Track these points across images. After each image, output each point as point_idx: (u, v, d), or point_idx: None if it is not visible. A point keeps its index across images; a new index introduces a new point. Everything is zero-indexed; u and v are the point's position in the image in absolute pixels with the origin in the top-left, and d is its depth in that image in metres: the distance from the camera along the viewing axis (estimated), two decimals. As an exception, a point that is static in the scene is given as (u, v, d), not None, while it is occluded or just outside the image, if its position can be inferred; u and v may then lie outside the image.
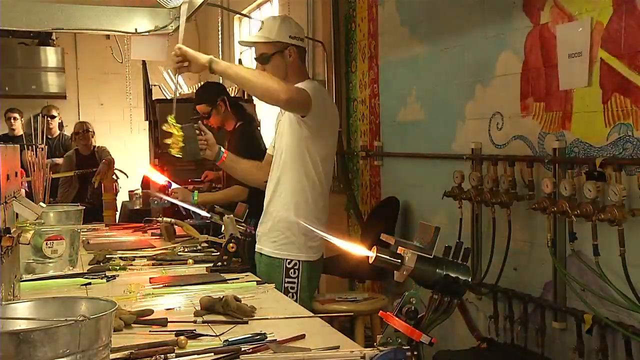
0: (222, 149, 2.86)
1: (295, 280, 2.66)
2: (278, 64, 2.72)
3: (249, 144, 3.75)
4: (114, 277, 2.48)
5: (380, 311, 1.47)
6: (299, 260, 2.68)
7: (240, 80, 2.53)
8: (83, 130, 5.78)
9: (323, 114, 2.66)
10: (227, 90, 4.30)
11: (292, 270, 2.67)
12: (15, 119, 7.00)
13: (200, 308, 1.97)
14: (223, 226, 2.77)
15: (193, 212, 3.41)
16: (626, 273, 2.46)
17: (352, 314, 2.94)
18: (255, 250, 2.81)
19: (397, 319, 1.39)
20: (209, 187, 4.26)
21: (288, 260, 2.67)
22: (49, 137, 6.26)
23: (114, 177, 4.92)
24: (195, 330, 1.76)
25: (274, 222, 2.72)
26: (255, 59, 2.80)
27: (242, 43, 2.99)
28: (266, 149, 3.83)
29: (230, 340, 1.65)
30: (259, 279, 2.44)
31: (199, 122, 2.79)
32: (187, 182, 4.51)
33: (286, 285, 2.65)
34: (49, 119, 6.51)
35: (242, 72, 2.54)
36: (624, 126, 2.54)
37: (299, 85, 2.65)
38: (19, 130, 6.97)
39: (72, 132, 6.02)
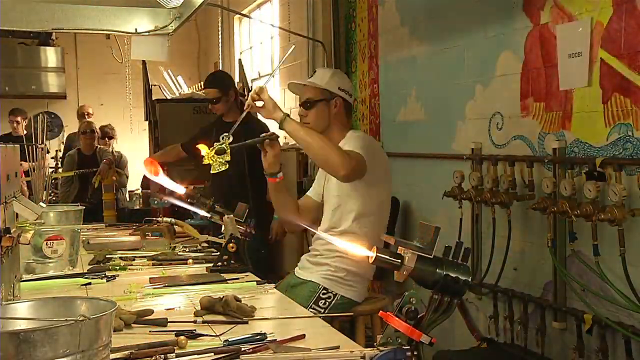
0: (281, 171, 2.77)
1: (322, 310, 2.59)
2: (322, 111, 2.73)
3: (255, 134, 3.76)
4: (114, 277, 2.48)
5: (380, 311, 1.47)
6: (335, 294, 2.65)
7: (306, 143, 2.51)
8: (89, 130, 5.78)
9: (377, 167, 2.65)
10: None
11: (322, 301, 2.63)
12: (18, 122, 7.02)
13: (201, 308, 1.97)
14: (223, 226, 2.77)
15: (193, 212, 3.40)
16: (626, 273, 2.46)
17: (352, 314, 2.93)
18: (296, 274, 2.80)
19: (397, 319, 1.39)
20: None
21: (324, 290, 2.65)
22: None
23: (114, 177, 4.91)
24: (195, 330, 1.76)
25: (324, 256, 2.70)
26: (300, 104, 2.81)
27: (291, 85, 2.90)
28: None
29: (230, 340, 1.65)
30: (259, 279, 2.43)
31: (266, 140, 2.67)
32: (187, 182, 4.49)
33: (311, 310, 2.54)
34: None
35: (309, 137, 2.50)
36: (624, 126, 2.54)
37: (346, 141, 2.67)
38: (21, 131, 6.99)
39: (78, 131, 6.02)
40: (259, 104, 2.49)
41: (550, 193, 2.79)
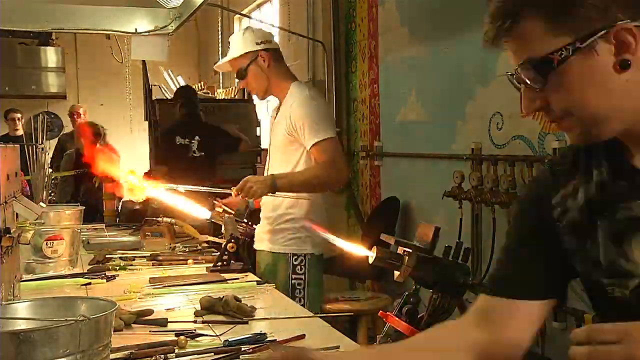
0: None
1: (302, 276, 2.63)
2: (256, 73, 2.73)
3: None
4: (114, 277, 2.48)
5: (380, 311, 1.47)
6: (305, 255, 2.65)
7: (304, 188, 2.59)
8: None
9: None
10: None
11: (298, 267, 2.65)
12: (18, 119, 7.03)
13: (201, 308, 1.97)
14: (223, 226, 2.76)
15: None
16: (626, 273, 2.46)
17: (352, 313, 2.95)
18: (256, 249, 2.80)
19: (397, 319, 1.39)
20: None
21: (295, 256, 2.65)
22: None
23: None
24: (195, 330, 1.76)
25: (277, 220, 2.71)
26: (236, 78, 2.83)
27: (219, 68, 2.99)
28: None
29: (230, 340, 1.65)
30: (259, 279, 2.44)
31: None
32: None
33: (293, 282, 2.63)
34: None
35: (301, 178, 2.58)
36: (624, 126, 2.54)
37: (294, 101, 2.64)
38: (20, 130, 7.00)
39: (75, 131, 6.02)
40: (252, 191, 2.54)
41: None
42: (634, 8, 0.91)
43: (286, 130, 2.65)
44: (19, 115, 7.12)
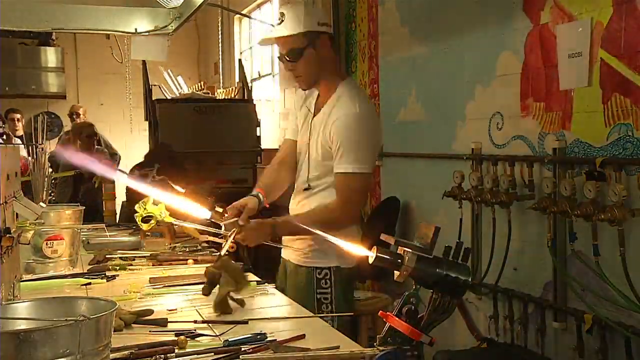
0: (260, 197, 2.44)
1: (328, 290, 2.36)
2: (311, 59, 2.34)
3: None
4: (114, 277, 2.48)
5: (380, 311, 1.47)
6: (328, 267, 2.37)
7: (308, 233, 2.22)
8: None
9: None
10: None
11: (323, 281, 2.38)
12: (18, 120, 7.03)
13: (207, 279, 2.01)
14: (223, 226, 2.76)
15: None
16: (626, 273, 2.46)
17: (352, 313, 2.93)
18: (282, 256, 2.57)
19: (397, 319, 1.39)
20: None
21: (318, 270, 2.38)
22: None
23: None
24: (195, 330, 1.76)
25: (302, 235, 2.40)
26: (281, 57, 2.41)
27: (265, 42, 2.52)
28: None
29: (230, 340, 1.65)
30: (259, 279, 2.43)
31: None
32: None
33: (318, 296, 2.37)
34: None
35: (304, 223, 2.17)
36: (624, 126, 2.54)
37: (339, 91, 2.35)
38: (20, 130, 7.00)
39: (74, 132, 6.01)
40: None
41: (550, 193, 2.78)
42: None
43: (324, 140, 2.34)
44: (18, 115, 7.11)
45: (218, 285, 2.04)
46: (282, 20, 2.36)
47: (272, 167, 2.61)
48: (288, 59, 2.37)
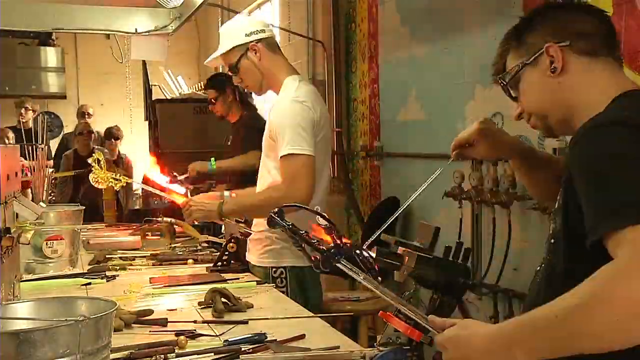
0: (225, 195, 2.65)
1: (284, 289, 2.40)
2: (247, 68, 2.49)
3: (256, 134, 3.76)
4: (114, 277, 2.48)
5: (380, 311, 1.47)
6: (283, 266, 2.42)
7: (255, 213, 2.44)
8: (86, 131, 5.78)
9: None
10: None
11: (279, 280, 2.43)
12: (26, 109, 6.71)
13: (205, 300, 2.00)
14: (223, 226, 2.76)
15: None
16: (626, 273, 2.46)
17: (352, 313, 2.95)
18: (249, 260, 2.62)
19: (397, 319, 1.39)
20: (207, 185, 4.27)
21: (274, 269, 2.44)
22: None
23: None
24: (195, 330, 1.76)
25: (254, 230, 2.53)
26: (228, 73, 2.65)
27: (209, 64, 2.75)
28: None
29: (230, 340, 1.65)
30: (259, 279, 2.43)
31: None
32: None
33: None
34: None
35: (251, 202, 2.43)
36: (624, 126, 2.53)
37: (284, 85, 2.45)
38: (29, 123, 6.58)
39: (74, 132, 6.02)
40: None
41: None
42: (559, 33, 1.32)
43: (269, 133, 2.45)
44: (28, 105, 6.79)
45: None
46: (219, 43, 2.56)
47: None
48: (231, 73, 2.57)
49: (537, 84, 1.35)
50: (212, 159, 3.44)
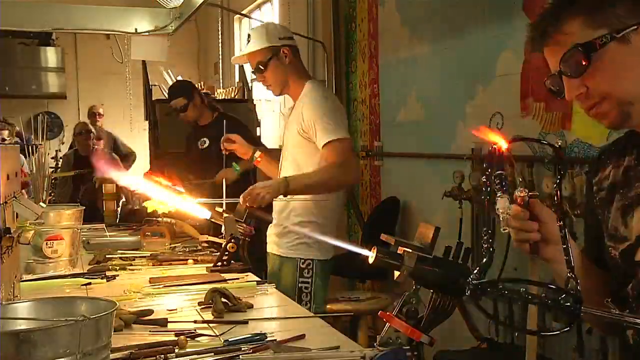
0: (256, 152, 2.89)
1: (310, 279, 2.64)
2: (276, 68, 2.72)
3: (238, 126, 3.84)
4: (114, 277, 2.48)
5: (380, 311, 1.47)
6: (312, 260, 2.66)
7: (317, 190, 2.58)
8: (85, 131, 5.78)
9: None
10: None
11: (306, 270, 2.65)
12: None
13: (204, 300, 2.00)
14: (223, 226, 2.76)
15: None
16: (626, 273, 2.46)
17: (352, 313, 2.95)
18: (267, 251, 2.82)
19: (397, 319, 1.39)
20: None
21: (302, 260, 2.66)
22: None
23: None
24: (195, 330, 1.76)
25: (284, 223, 2.71)
26: (253, 71, 2.80)
27: (236, 60, 3.00)
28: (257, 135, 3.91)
29: (230, 340, 1.65)
30: (259, 279, 2.44)
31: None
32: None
33: (300, 285, 2.63)
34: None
35: (314, 178, 2.55)
36: (624, 126, 2.53)
37: (307, 99, 2.64)
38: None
39: (73, 132, 6.01)
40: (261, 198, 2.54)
41: (550, 193, 2.78)
42: None
43: (299, 129, 2.64)
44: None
45: None
46: (249, 41, 2.78)
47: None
48: (255, 71, 2.77)
49: (629, 65, 1.15)
50: (234, 163, 3.47)
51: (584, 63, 1.15)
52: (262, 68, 2.72)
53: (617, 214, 1.26)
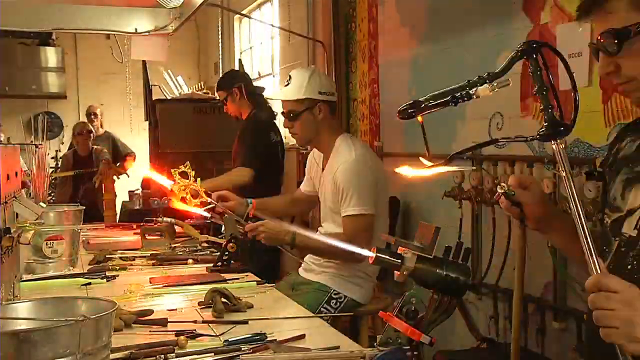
0: (249, 202, 2.84)
1: (333, 310, 2.62)
2: (307, 121, 2.67)
3: (253, 135, 3.79)
4: (114, 277, 2.48)
5: (380, 311, 1.47)
6: (344, 295, 2.66)
7: (320, 254, 2.62)
8: (85, 131, 5.78)
9: (378, 199, 2.63)
10: (249, 79, 4.30)
11: (334, 301, 2.64)
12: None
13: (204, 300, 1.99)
14: (223, 226, 2.77)
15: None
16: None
17: (352, 313, 2.94)
18: (300, 274, 2.83)
19: (397, 319, 1.39)
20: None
21: (335, 291, 2.65)
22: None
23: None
24: (195, 330, 1.76)
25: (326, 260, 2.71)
26: (283, 114, 2.75)
27: (272, 97, 3.01)
28: (276, 141, 3.84)
29: (230, 340, 1.65)
30: (259, 279, 2.43)
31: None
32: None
33: (322, 309, 2.60)
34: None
35: (320, 245, 2.52)
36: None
37: (338, 161, 2.62)
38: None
39: (73, 132, 6.02)
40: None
41: (550, 193, 2.78)
42: None
43: (332, 189, 2.63)
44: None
45: None
46: (288, 83, 2.67)
47: (286, 196, 3.05)
48: (287, 118, 2.70)
49: None
50: (198, 180, 3.43)
51: (617, 46, 1.21)
52: (292, 116, 2.66)
53: (620, 185, 1.32)
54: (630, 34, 1.19)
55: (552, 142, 1.33)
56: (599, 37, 1.24)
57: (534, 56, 1.29)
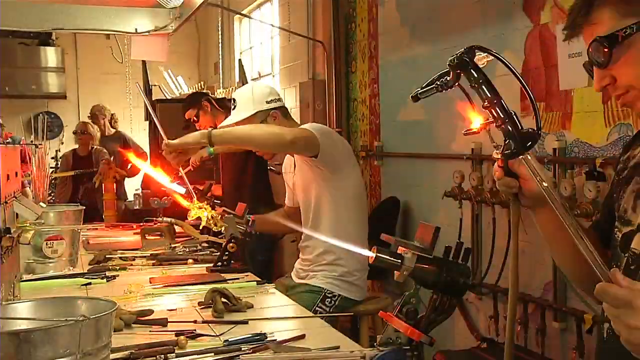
0: (249, 218, 2.79)
1: (327, 309, 2.59)
2: None
3: None
4: (114, 277, 2.48)
5: (380, 311, 1.47)
6: (337, 294, 2.64)
7: (242, 139, 2.51)
8: (85, 132, 5.78)
9: (333, 147, 2.56)
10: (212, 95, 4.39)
11: (328, 300, 2.62)
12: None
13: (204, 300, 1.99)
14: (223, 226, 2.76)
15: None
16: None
17: (352, 313, 2.94)
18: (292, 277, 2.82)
19: (397, 319, 1.39)
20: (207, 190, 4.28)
21: (328, 291, 2.63)
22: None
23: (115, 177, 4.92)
24: (195, 330, 1.76)
25: (314, 262, 2.69)
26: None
27: (225, 127, 2.84)
28: None
29: (230, 340, 1.65)
30: (259, 279, 2.43)
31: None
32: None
33: (317, 309, 2.57)
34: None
35: (240, 130, 2.52)
36: (624, 126, 2.54)
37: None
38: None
39: (74, 132, 6.02)
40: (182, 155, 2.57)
41: (550, 193, 2.78)
42: None
43: (302, 168, 2.64)
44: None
45: None
46: (235, 106, 2.70)
47: (280, 211, 3.02)
48: None
49: None
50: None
51: (606, 54, 1.16)
52: None
53: (631, 196, 1.25)
54: (618, 38, 1.14)
55: (521, 158, 1.29)
56: (588, 50, 1.20)
57: (469, 69, 1.25)
